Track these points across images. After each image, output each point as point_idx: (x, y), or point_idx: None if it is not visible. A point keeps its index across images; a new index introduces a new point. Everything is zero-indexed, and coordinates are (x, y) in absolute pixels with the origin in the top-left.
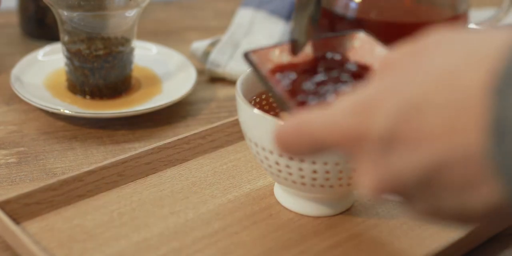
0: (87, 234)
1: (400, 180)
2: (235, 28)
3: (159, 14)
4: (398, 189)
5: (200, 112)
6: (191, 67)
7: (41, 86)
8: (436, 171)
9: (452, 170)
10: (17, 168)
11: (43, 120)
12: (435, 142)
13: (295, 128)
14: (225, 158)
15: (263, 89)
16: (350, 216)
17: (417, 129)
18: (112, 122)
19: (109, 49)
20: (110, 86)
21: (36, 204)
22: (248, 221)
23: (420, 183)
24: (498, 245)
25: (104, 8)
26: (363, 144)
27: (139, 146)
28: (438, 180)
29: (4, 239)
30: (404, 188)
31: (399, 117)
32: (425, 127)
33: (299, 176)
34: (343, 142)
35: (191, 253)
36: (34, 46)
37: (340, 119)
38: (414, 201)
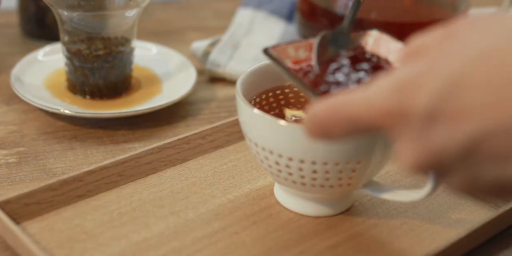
0: (87, 234)
1: (442, 154)
2: (235, 28)
3: (159, 14)
4: (439, 163)
5: (200, 112)
6: (191, 67)
7: (41, 86)
8: (479, 143)
9: (495, 140)
10: (17, 168)
11: (43, 120)
12: (479, 115)
13: (332, 108)
14: (225, 158)
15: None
16: (350, 216)
17: (460, 104)
18: (112, 122)
19: (109, 49)
20: (110, 86)
21: (36, 204)
22: (248, 221)
23: (461, 155)
24: (498, 245)
25: (104, 8)
26: (404, 121)
27: (139, 146)
28: (480, 152)
29: (4, 239)
30: (445, 162)
31: (442, 94)
32: (469, 102)
33: (299, 176)
34: (382, 120)
35: (191, 253)
36: (34, 46)
37: (380, 97)
38: (453, 175)
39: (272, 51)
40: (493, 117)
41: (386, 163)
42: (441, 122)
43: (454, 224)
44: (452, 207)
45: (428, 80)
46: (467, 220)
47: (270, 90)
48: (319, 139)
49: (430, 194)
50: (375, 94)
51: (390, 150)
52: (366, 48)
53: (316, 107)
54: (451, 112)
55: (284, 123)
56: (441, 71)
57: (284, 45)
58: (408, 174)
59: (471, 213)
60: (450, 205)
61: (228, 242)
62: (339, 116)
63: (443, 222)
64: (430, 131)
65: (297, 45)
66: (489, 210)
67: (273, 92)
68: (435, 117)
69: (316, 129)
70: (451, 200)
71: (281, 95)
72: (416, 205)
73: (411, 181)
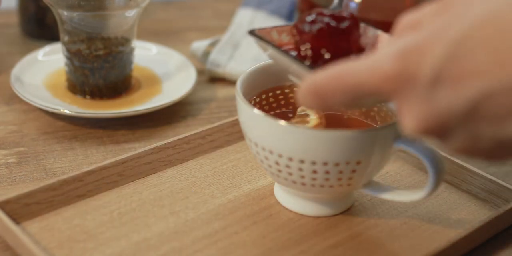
0: (87, 234)
1: (447, 115)
2: (235, 28)
3: (159, 14)
4: (442, 125)
5: (200, 112)
6: (191, 67)
7: (41, 86)
8: (482, 102)
9: (496, 100)
10: (17, 168)
11: (43, 120)
12: (482, 75)
13: (334, 76)
14: (225, 158)
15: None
16: (350, 216)
17: (464, 66)
18: (112, 122)
19: (109, 49)
20: (110, 86)
21: (36, 204)
22: (248, 221)
23: (465, 115)
24: (498, 245)
25: (104, 8)
26: (409, 85)
27: (139, 146)
28: (482, 111)
29: (4, 239)
30: (449, 123)
31: (447, 57)
32: (473, 63)
33: (299, 176)
34: (386, 85)
35: (191, 253)
36: (34, 46)
37: (384, 63)
38: (455, 137)
39: (258, 33)
40: (495, 77)
41: (386, 163)
42: (446, 84)
43: (454, 224)
44: (452, 207)
45: (432, 44)
46: (467, 220)
47: (270, 90)
48: (316, 106)
49: (430, 194)
50: (379, 60)
51: (389, 150)
52: None
53: (315, 76)
54: (456, 74)
55: (284, 123)
56: (445, 36)
57: (268, 28)
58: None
59: (471, 213)
60: (450, 205)
61: (228, 242)
62: (341, 82)
63: (443, 222)
64: (435, 94)
65: (280, 29)
66: (489, 210)
67: (273, 92)
68: (440, 79)
69: (315, 97)
70: (451, 200)
71: (281, 95)
72: (416, 205)
73: (411, 181)
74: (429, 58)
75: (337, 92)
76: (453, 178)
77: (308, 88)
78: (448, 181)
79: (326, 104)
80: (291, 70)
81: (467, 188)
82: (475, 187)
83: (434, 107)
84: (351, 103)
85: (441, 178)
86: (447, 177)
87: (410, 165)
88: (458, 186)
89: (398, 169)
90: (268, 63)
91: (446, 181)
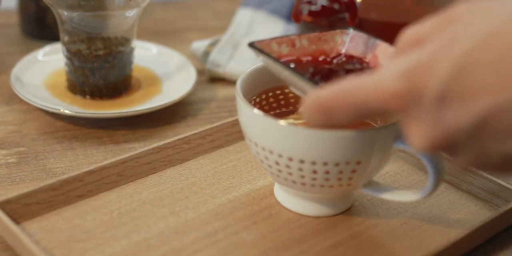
0: (87, 234)
1: (455, 133)
2: (235, 28)
3: (159, 14)
4: (450, 142)
5: (200, 112)
6: (191, 67)
7: (41, 86)
8: (488, 119)
9: (503, 116)
10: (17, 168)
11: (43, 120)
12: (489, 93)
13: (339, 92)
14: (225, 158)
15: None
16: (350, 216)
17: (471, 84)
18: (112, 122)
19: (109, 49)
20: (110, 86)
21: (36, 204)
22: (248, 221)
23: (472, 132)
24: (498, 245)
25: (104, 8)
26: (416, 103)
27: (139, 146)
28: (489, 128)
29: (4, 239)
30: (457, 140)
31: (453, 75)
32: (479, 81)
33: (299, 176)
34: (393, 102)
35: (191, 253)
36: (34, 46)
37: (391, 80)
38: (464, 153)
39: (258, 45)
40: (501, 95)
41: (386, 163)
42: (453, 102)
43: (454, 224)
44: (452, 207)
45: (439, 62)
46: (467, 220)
47: (270, 90)
48: (320, 123)
49: (430, 194)
50: (385, 78)
51: (389, 150)
52: (341, 47)
53: (320, 92)
54: (462, 91)
55: (284, 123)
56: (451, 53)
57: (268, 40)
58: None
59: (471, 213)
60: (450, 205)
61: (228, 242)
62: (347, 99)
63: (443, 222)
64: (443, 112)
65: (279, 40)
66: (489, 210)
67: (273, 92)
68: (447, 97)
69: (320, 112)
70: (451, 200)
71: (281, 95)
72: (416, 205)
73: (411, 181)
74: (435, 76)
75: (343, 109)
76: (453, 178)
77: (313, 103)
78: (448, 181)
79: (331, 120)
80: (293, 83)
81: (467, 188)
82: (475, 187)
83: (442, 124)
84: (356, 119)
85: (441, 178)
86: (447, 177)
87: (410, 165)
88: (458, 186)
89: (398, 169)
90: None
91: (446, 181)
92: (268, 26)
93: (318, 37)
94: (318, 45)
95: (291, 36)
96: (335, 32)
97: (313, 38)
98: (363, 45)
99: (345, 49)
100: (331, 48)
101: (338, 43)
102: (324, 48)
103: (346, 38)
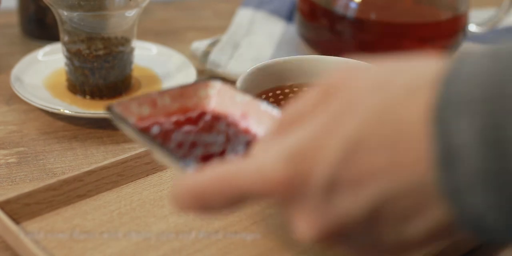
0: (87, 234)
1: (345, 221)
2: (235, 28)
3: (159, 14)
4: (341, 231)
5: None
6: (191, 67)
7: (41, 86)
8: (382, 205)
9: (395, 202)
10: (17, 168)
11: (43, 120)
12: (380, 178)
13: (219, 177)
14: None
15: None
16: None
17: (360, 169)
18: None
19: (109, 49)
20: (110, 86)
21: (36, 204)
22: (248, 221)
23: (364, 220)
24: (498, 245)
25: (104, 8)
26: (301, 192)
27: (139, 146)
28: (382, 214)
29: (4, 239)
30: (348, 229)
31: (341, 161)
32: (369, 166)
33: None
34: (277, 191)
35: (191, 253)
36: (34, 46)
37: (275, 168)
38: (356, 242)
39: (117, 109)
40: (394, 179)
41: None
42: (342, 189)
43: None
44: None
45: (324, 146)
46: None
47: (270, 90)
48: (192, 209)
49: None
50: (268, 165)
51: None
52: (206, 102)
53: (193, 178)
54: (352, 177)
55: None
56: (336, 134)
57: (127, 101)
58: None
59: None
60: None
61: (228, 242)
62: (226, 187)
63: None
64: (331, 199)
65: (140, 100)
66: None
67: (273, 92)
68: (336, 185)
69: (194, 199)
70: None
71: (281, 95)
72: None
73: None
74: (320, 161)
75: (220, 196)
76: None
77: (186, 189)
78: None
79: (205, 207)
80: (157, 155)
81: None
82: None
83: (332, 213)
84: (233, 207)
85: None
86: None
87: None
88: None
89: None
90: (268, 63)
91: None
92: (268, 26)
93: (180, 93)
94: (181, 102)
95: (152, 95)
96: (198, 85)
97: (175, 95)
98: (230, 101)
99: (211, 105)
100: (196, 104)
101: (203, 97)
102: (188, 105)
103: (212, 92)
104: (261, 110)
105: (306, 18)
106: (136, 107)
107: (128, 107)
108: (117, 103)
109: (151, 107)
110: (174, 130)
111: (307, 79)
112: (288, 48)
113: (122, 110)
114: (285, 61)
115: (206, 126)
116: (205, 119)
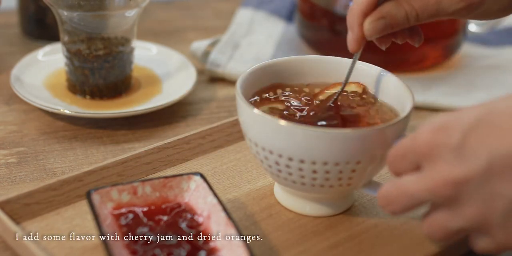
0: (87, 234)
1: None
2: (235, 28)
3: (159, 14)
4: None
5: (200, 112)
6: (191, 67)
7: (41, 86)
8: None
9: None
10: (17, 168)
11: (43, 120)
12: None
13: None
14: (225, 158)
15: None
16: (350, 216)
17: None
18: (112, 122)
19: (109, 49)
20: (110, 86)
21: (36, 204)
22: (248, 221)
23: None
24: None
25: (104, 8)
26: None
27: (139, 146)
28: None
29: (4, 239)
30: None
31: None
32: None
33: (299, 176)
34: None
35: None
36: (34, 46)
37: None
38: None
39: (95, 196)
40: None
41: (386, 163)
42: None
43: None
44: None
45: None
46: None
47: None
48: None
49: None
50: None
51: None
52: (186, 195)
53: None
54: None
55: (284, 123)
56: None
57: (108, 187)
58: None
59: None
60: None
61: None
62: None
63: None
64: None
65: (121, 187)
66: None
67: (273, 90)
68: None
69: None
70: None
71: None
72: None
73: None
74: None
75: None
76: None
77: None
78: None
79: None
80: None
81: None
82: None
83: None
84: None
85: None
86: None
87: None
88: None
89: None
90: (268, 63)
91: None
92: (268, 26)
93: (163, 183)
94: (162, 192)
95: (134, 183)
96: (182, 178)
97: (157, 185)
98: (203, 199)
99: (188, 199)
100: (175, 195)
101: (184, 189)
102: (168, 195)
103: (192, 185)
104: (221, 216)
105: (306, 18)
106: (116, 194)
107: (109, 193)
108: (98, 188)
109: (131, 195)
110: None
111: (307, 79)
112: (288, 48)
113: (102, 194)
114: (285, 61)
115: (171, 222)
116: (176, 213)
